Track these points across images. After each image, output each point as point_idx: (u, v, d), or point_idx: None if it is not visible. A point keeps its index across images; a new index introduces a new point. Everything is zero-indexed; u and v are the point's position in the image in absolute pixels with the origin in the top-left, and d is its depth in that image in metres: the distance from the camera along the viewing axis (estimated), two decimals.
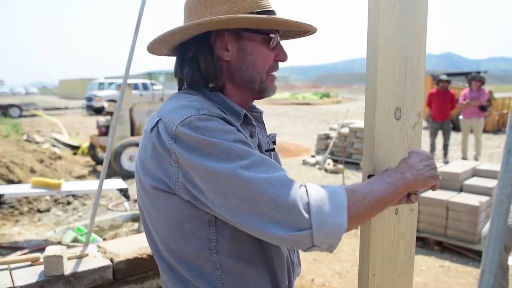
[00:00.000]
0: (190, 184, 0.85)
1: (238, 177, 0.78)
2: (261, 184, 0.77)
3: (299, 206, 0.76)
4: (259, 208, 0.77)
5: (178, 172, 0.85)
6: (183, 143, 0.83)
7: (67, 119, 18.27)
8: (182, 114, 0.86)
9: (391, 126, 1.14)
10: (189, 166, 0.83)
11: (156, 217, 0.95)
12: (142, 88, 19.99)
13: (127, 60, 2.38)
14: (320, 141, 8.81)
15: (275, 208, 0.76)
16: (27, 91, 56.19)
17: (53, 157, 7.57)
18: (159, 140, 0.87)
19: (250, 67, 0.98)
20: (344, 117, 8.38)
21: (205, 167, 0.80)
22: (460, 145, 8.45)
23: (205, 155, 0.81)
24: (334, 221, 0.77)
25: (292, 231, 0.76)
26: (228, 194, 0.79)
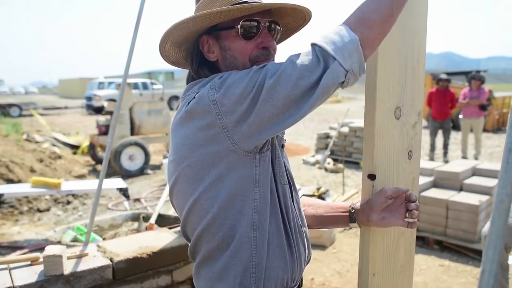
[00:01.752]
0: (240, 114, 0.91)
1: (267, 79, 0.89)
2: (286, 69, 0.89)
3: (318, 58, 0.88)
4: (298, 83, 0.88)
5: (223, 119, 0.92)
6: (230, 83, 0.93)
7: (67, 119, 18.27)
8: (220, 73, 0.99)
9: (391, 125, 1.14)
10: (240, 94, 0.90)
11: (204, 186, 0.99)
12: (142, 88, 19.98)
13: (127, 59, 2.38)
14: (320, 140, 8.81)
15: (306, 73, 0.88)
16: (27, 91, 56.16)
17: (53, 157, 7.57)
18: (199, 105, 0.94)
19: (232, 61, 1.05)
20: (344, 117, 8.38)
21: (251, 84, 0.90)
22: (460, 144, 8.45)
23: (249, 78, 0.91)
24: (346, 41, 0.88)
25: (326, 74, 0.87)
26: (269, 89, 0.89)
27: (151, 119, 8.07)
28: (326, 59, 0.87)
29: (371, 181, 1.11)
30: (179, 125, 1.00)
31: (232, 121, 0.91)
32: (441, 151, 8.01)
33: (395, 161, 1.17)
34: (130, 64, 2.41)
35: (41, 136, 10.38)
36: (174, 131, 1.02)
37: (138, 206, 5.65)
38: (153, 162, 8.33)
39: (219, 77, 0.96)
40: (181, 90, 24.44)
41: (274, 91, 0.88)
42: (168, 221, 3.45)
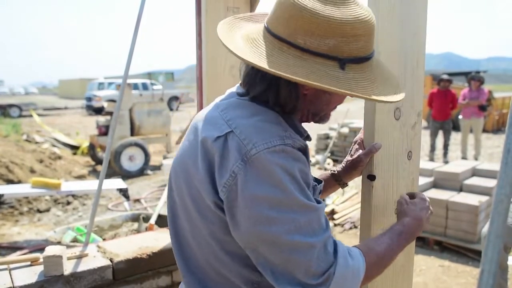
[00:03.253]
0: (229, 211, 0.82)
1: (288, 239, 0.78)
2: (303, 250, 0.79)
3: (324, 281, 0.80)
4: (290, 270, 0.80)
5: (223, 195, 0.82)
6: (255, 172, 0.78)
7: (67, 119, 18.27)
8: (266, 138, 0.80)
9: (390, 126, 1.14)
10: (246, 198, 0.79)
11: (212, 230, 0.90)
12: (142, 88, 19.99)
13: (127, 60, 2.38)
14: (320, 140, 8.82)
15: (304, 273, 0.79)
16: (27, 91, 56.13)
17: (53, 157, 7.57)
18: (222, 155, 0.82)
19: (324, 104, 0.93)
20: (343, 117, 8.38)
21: (263, 207, 0.78)
22: (460, 144, 8.45)
23: (272, 194, 0.78)
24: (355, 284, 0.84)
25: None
26: (269, 248, 0.80)
27: (151, 120, 8.07)
28: (322, 285, 0.80)
29: (371, 182, 1.11)
30: (198, 152, 0.88)
31: (225, 205, 0.82)
32: (441, 151, 8.01)
33: (395, 162, 1.17)
34: (130, 64, 2.41)
35: (41, 136, 10.38)
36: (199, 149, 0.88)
37: (138, 207, 5.65)
38: (153, 162, 8.33)
39: (265, 153, 0.79)
40: (180, 91, 24.22)
41: (274, 241, 0.79)
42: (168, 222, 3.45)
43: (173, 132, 9.30)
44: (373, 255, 0.90)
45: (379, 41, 1.08)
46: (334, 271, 0.80)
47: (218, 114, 0.90)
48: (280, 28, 0.83)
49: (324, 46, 0.80)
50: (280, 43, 0.83)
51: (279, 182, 0.77)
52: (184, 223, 0.96)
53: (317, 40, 0.80)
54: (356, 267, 0.84)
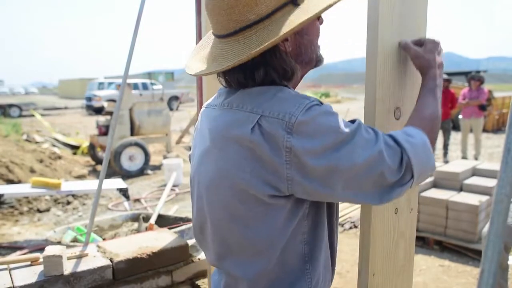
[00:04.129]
0: (305, 178, 0.83)
1: (361, 162, 0.82)
2: (376, 160, 0.83)
3: (403, 169, 0.86)
4: (378, 183, 0.85)
5: (291, 170, 0.82)
6: (304, 135, 0.81)
7: (67, 119, 18.27)
8: (296, 104, 0.83)
9: (390, 125, 1.14)
10: (312, 158, 0.81)
11: (252, 226, 0.90)
12: (142, 88, 19.99)
13: (127, 59, 2.38)
14: None
15: (389, 176, 0.85)
16: (27, 91, 56.18)
17: (53, 157, 7.57)
18: (267, 140, 0.82)
19: (309, 47, 0.95)
20: (344, 117, 8.40)
21: (328, 156, 0.81)
22: (460, 144, 8.45)
23: (327, 140, 0.81)
24: (428, 167, 0.91)
25: (402, 187, 0.87)
26: (353, 181, 0.83)
27: (151, 120, 8.08)
28: (406, 173, 0.87)
29: None
30: (237, 153, 0.87)
31: (300, 177, 0.83)
32: (441, 151, 8.02)
33: None
34: (130, 64, 2.41)
35: (41, 136, 10.38)
36: (234, 147, 0.88)
37: (138, 207, 5.65)
38: (153, 162, 8.33)
39: (296, 116, 0.81)
40: (180, 91, 24.28)
41: (355, 175, 0.83)
42: (168, 222, 3.46)
43: (173, 132, 9.30)
44: (427, 121, 0.97)
45: (379, 40, 1.08)
46: (408, 157, 0.86)
47: (235, 110, 0.90)
48: (230, 25, 0.87)
49: (271, 3, 0.84)
50: (241, 34, 0.87)
51: (327, 128, 0.82)
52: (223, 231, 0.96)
53: (263, 3, 0.83)
54: (421, 142, 0.90)
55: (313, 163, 0.81)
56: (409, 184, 0.87)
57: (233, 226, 0.92)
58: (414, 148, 0.87)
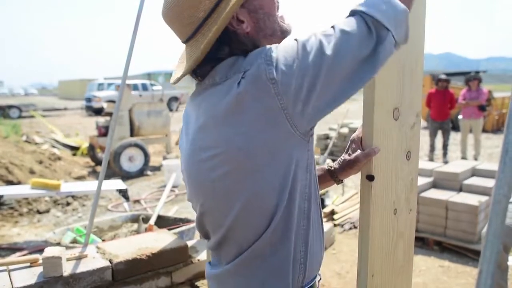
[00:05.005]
0: (300, 94, 0.83)
1: (329, 53, 0.83)
2: (342, 43, 0.84)
3: (373, 30, 0.85)
4: (358, 57, 0.84)
5: (283, 99, 0.83)
6: (281, 54, 0.84)
7: (66, 120, 18.28)
8: (267, 46, 0.88)
9: (389, 126, 1.14)
10: (291, 75, 0.83)
11: (258, 179, 0.89)
12: (142, 89, 20.00)
13: (126, 60, 2.38)
14: (320, 141, 8.82)
15: (364, 45, 0.84)
16: (27, 92, 56.16)
17: (53, 158, 7.57)
18: (255, 84, 0.84)
19: (266, 20, 0.97)
20: (343, 117, 8.38)
21: (308, 60, 0.83)
22: (459, 144, 8.46)
23: (303, 52, 0.84)
24: (399, 11, 0.87)
25: (384, 44, 0.85)
26: (333, 72, 0.84)
27: (150, 120, 8.08)
28: (379, 30, 0.85)
29: (370, 182, 1.11)
30: (228, 111, 0.86)
31: (293, 101, 0.84)
32: (441, 151, 8.02)
33: (394, 162, 1.17)
34: (129, 65, 2.42)
35: (41, 137, 10.38)
36: (216, 120, 0.88)
37: (137, 208, 5.65)
38: (153, 163, 8.33)
39: (271, 51, 0.85)
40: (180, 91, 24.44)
41: (334, 66, 0.83)
42: (167, 222, 3.46)
43: (173, 133, 9.29)
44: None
45: None
46: (370, 16, 0.85)
47: (220, 86, 0.90)
48: (186, 30, 0.95)
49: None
50: (198, 33, 0.94)
51: (294, 48, 0.85)
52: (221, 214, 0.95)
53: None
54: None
55: (298, 81, 0.83)
56: (390, 38, 0.86)
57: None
58: (372, 5, 0.86)
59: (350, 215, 4.86)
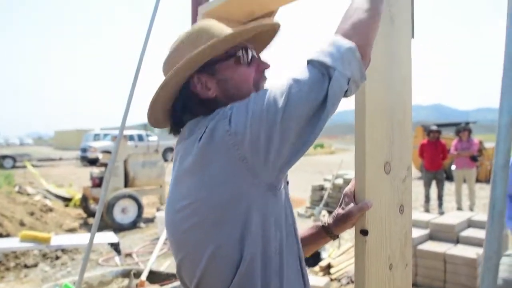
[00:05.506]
0: (258, 143, 0.87)
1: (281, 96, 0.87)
2: (296, 91, 0.87)
3: (321, 73, 0.89)
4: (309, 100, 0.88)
5: (241, 149, 0.88)
6: (238, 111, 0.90)
7: (61, 170, 18.16)
8: (226, 107, 0.95)
9: (381, 180, 1.16)
10: (253, 122, 0.87)
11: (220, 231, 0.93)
12: (137, 139, 20.12)
13: (124, 113, 2.43)
14: (315, 192, 8.78)
15: (315, 91, 0.88)
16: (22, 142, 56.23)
17: (44, 209, 7.44)
18: (214, 138, 0.90)
19: (235, 91, 1.02)
20: (338, 168, 8.43)
21: (262, 110, 0.88)
22: (454, 195, 8.46)
23: (257, 104, 0.89)
24: (343, 50, 0.88)
25: (331, 85, 0.87)
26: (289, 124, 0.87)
27: (145, 171, 8.06)
28: (328, 71, 0.88)
29: (364, 237, 1.11)
30: (194, 164, 0.91)
31: (251, 151, 0.87)
32: (436, 202, 8.00)
33: (387, 216, 1.18)
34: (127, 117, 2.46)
35: (34, 188, 10.26)
36: (185, 173, 0.94)
37: (129, 262, 5.48)
38: (146, 215, 8.20)
39: (228, 108, 0.93)
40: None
41: (288, 113, 0.86)
42: (160, 278, 3.35)
43: (167, 184, 9.23)
44: (342, 22, 0.94)
45: (366, 100, 1.12)
46: (316, 60, 0.90)
47: (188, 141, 0.98)
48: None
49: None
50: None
51: (246, 104, 0.90)
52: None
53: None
54: (325, 41, 0.92)
55: (253, 132, 0.87)
56: (337, 75, 0.87)
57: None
58: (319, 51, 0.90)
59: (347, 268, 4.74)
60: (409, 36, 1.27)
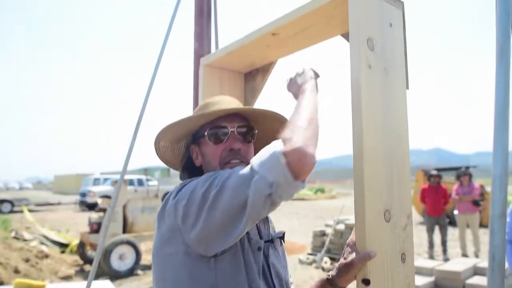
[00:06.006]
0: (187, 220, 0.98)
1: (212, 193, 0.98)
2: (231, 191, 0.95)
3: (251, 173, 0.95)
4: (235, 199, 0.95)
5: (178, 221, 1.01)
6: (184, 189, 1.05)
7: (58, 215, 17.92)
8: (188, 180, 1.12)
9: (381, 228, 1.16)
10: (187, 200, 0.99)
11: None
12: (137, 184, 20.02)
13: (125, 159, 2.45)
14: (316, 238, 8.62)
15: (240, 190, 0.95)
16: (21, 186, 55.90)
17: (40, 256, 7.28)
18: (166, 205, 1.08)
19: (208, 166, 1.18)
20: (339, 213, 8.34)
21: (198, 193, 0.99)
22: (458, 240, 8.30)
23: (198, 183, 1.02)
24: (269, 155, 0.93)
25: (251, 187, 0.92)
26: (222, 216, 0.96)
27: (144, 217, 7.96)
28: (253, 173, 0.93)
29: (366, 286, 1.09)
30: (157, 223, 1.10)
31: (185, 225, 0.98)
32: (440, 248, 7.84)
33: (389, 265, 1.16)
34: (128, 162, 2.48)
35: (30, 233, 10.09)
36: (156, 227, 1.11)
37: None
38: (144, 261, 8.00)
39: (188, 180, 1.07)
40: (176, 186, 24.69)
41: (215, 205, 0.94)
42: None
43: None
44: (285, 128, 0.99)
45: (364, 148, 1.15)
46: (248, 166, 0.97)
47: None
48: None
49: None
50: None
51: (188, 190, 1.02)
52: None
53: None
54: (271, 144, 0.97)
55: (185, 210, 0.99)
56: (257, 178, 0.91)
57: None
58: (257, 155, 0.97)
59: None
60: (404, 87, 1.32)
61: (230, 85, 1.98)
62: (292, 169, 0.90)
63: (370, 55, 1.19)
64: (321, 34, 1.58)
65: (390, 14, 1.29)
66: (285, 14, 1.49)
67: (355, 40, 1.18)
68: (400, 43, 1.32)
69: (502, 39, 0.82)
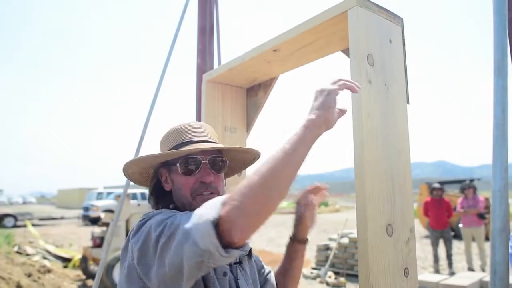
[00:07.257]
0: (141, 262, 0.99)
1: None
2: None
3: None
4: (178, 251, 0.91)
5: (135, 261, 1.01)
6: (139, 226, 1.06)
7: (61, 230, 17.87)
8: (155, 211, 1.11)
9: (384, 243, 1.16)
10: (142, 242, 0.99)
11: None
12: (141, 198, 19.98)
13: None
14: (320, 252, 8.54)
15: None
16: (25, 201, 55.90)
17: (42, 271, 7.24)
18: (128, 238, 1.08)
19: (178, 193, 1.17)
20: (343, 227, 8.28)
21: (148, 237, 0.99)
22: (464, 254, 8.20)
23: (153, 225, 1.00)
24: (203, 223, 0.86)
25: (182, 252, 0.88)
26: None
27: None
28: (188, 237, 0.88)
29: None
30: (121, 257, 1.11)
31: (140, 267, 0.99)
32: (445, 261, 7.74)
33: (392, 280, 1.16)
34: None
35: (33, 248, 10.06)
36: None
37: None
38: None
39: (151, 214, 1.07)
40: None
41: (162, 252, 0.93)
42: None
43: None
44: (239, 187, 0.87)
45: (365, 163, 1.15)
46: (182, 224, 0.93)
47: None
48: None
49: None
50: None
51: (141, 233, 1.02)
52: None
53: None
54: (215, 199, 0.92)
55: (135, 249, 0.99)
56: (189, 238, 0.86)
57: None
58: (203, 206, 0.93)
59: None
60: (404, 102, 1.33)
61: (232, 100, 2.00)
62: (224, 237, 0.84)
63: (370, 71, 1.21)
64: (322, 50, 1.60)
65: (390, 30, 1.32)
66: (286, 30, 1.51)
67: (355, 56, 1.20)
68: (400, 59, 1.34)
69: (499, 56, 0.84)
